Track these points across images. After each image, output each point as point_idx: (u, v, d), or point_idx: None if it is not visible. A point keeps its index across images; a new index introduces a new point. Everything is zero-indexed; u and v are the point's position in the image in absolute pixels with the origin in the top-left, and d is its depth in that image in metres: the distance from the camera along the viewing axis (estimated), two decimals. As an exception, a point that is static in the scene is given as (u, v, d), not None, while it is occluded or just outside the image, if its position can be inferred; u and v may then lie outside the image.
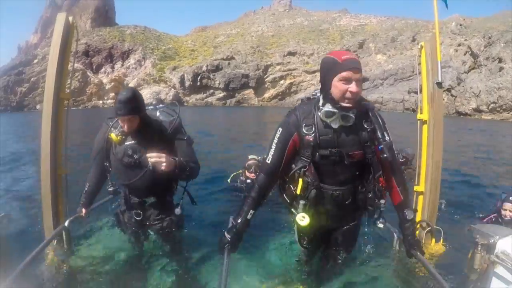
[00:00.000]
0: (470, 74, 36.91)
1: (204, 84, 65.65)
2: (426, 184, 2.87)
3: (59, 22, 2.74)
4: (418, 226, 2.79)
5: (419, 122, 2.91)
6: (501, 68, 33.57)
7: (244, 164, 4.64)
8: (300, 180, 1.87)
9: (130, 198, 2.49)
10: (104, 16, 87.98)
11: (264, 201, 2.04)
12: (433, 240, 2.86)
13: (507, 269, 1.80)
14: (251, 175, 4.42)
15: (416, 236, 2.08)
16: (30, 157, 8.39)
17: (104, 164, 2.44)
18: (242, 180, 4.60)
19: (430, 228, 2.82)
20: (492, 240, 1.94)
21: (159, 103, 2.68)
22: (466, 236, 2.28)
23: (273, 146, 1.93)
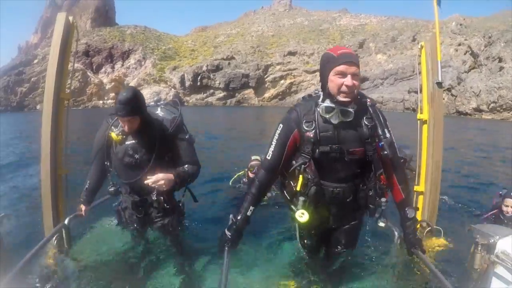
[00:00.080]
0: (470, 74, 36.90)
1: (204, 84, 65.63)
2: (426, 184, 2.87)
3: (59, 22, 2.74)
4: (419, 226, 2.79)
5: (419, 122, 2.91)
6: (501, 68, 33.56)
7: (247, 164, 4.60)
8: (300, 176, 1.87)
9: (132, 196, 2.50)
10: (104, 16, 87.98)
11: (264, 198, 2.03)
12: (433, 238, 2.85)
13: (507, 269, 1.80)
14: None
15: (417, 235, 2.07)
16: (31, 157, 8.39)
17: (105, 163, 2.44)
18: (245, 181, 4.57)
19: (430, 228, 2.82)
20: (492, 240, 1.94)
21: (159, 100, 2.66)
22: (466, 235, 2.28)
23: (273, 143, 1.93)
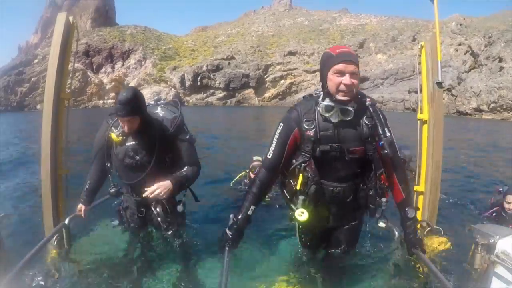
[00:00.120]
0: (470, 74, 36.87)
1: (205, 84, 65.57)
2: (426, 184, 2.87)
3: (59, 22, 2.73)
4: (419, 226, 2.79)
5: (419, 122, 2.91)
6: (501, 68, 33.53)
7: (248, 164, 4.58)
8: (300, 175, 1.87)
9: (133, 196, 2.51)
10: (105, 16, 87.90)
11: (265, 197, 2.03)
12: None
13: (507, 269, 1.80)
14: None
15: (417, 235, 2.07)
16: (31, 157, 8.39)
17: (105, 164, 2.44)
18: (247, 182, 4.55)
19: (430, 228, 2.82)
20: (492, 240, 1.94)
21: (159, 100, 2.65)
22: (466, 235, 2.28)
23: (274, 141, 1.93)
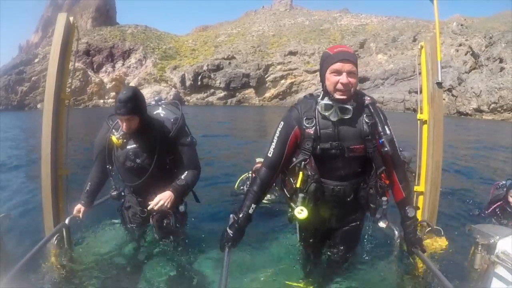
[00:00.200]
0: (471, 74, 36.85)
1: (205, 84, 65.59)
2: (426, 184, 2.86)
3: (60, 22, 2.72)
4: (419, 226, 2.79)
5: (419, 122, 2.90)
6: (502, 68, 33.51)
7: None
8: (300, 173, 1.87)
9: (135, 196, 2.53)
10: (105, 15, 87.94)
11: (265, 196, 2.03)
12: (435, 237, 2.85)
13: (508, 269, 1.79)
14: None
15: (417, 234, 2.07)
16: (31, 156, 8.40)
17: (106, 166, 2.44)
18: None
19: (430, 228, 2.82)
20: (492, 240, 1.93)
21: (160, 100, 2.65)
22: (467, 235, 2.28)
23: (274, 140, 1.94)
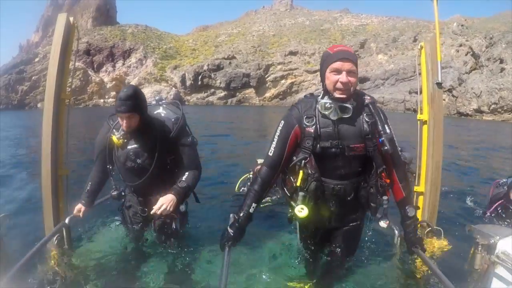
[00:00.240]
0: (471, 75, 36.82)
1: (205, 83, 65.61)
2: (426, 185, 2.86)
3: (60, 23, 2.73)
4: (419, 226, 2.78)
5: (419, 122, 2.90)
6: (502, 69, 33.47)
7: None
8: (300, 172, 1.87)
9: (136, 196, 2.53)
10: (106, 15, 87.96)
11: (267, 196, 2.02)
12: (434, 238, 2.85)
13: (508, 269, 1.79)
14: None
15: (417, 234, 2.07)
16: (31, 156, 8.40)
17: (107, 166, 2.44)
18: None
19: (430, 228, 2.82)
20: (492, 241, 1.93)
21: (161, 99, 2.64)
22: (466, 235, 2.27)
23: (275, 139, 1.94)
